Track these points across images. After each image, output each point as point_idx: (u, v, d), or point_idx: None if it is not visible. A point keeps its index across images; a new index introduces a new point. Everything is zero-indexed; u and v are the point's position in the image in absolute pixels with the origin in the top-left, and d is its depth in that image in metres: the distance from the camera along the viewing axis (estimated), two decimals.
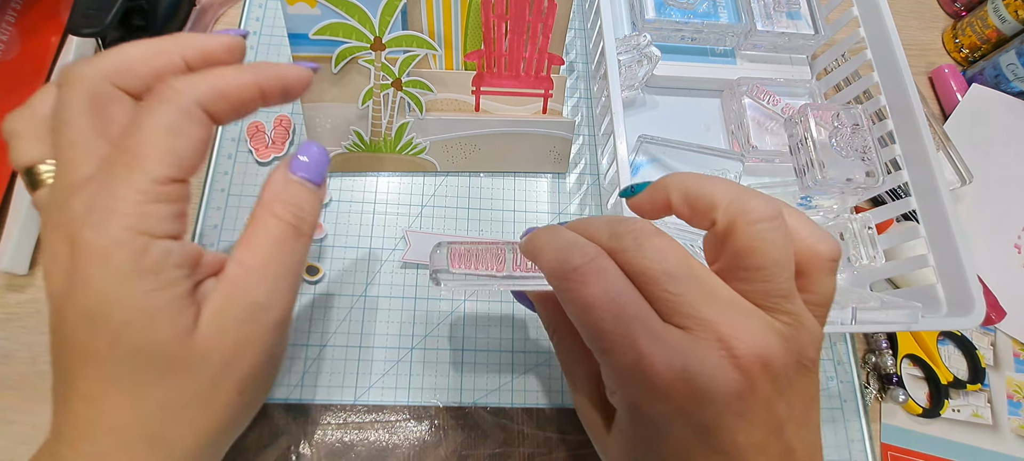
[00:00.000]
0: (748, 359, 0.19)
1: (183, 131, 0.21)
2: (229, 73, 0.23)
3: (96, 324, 0.20)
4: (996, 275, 0.45)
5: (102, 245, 0.20)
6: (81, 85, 0.22)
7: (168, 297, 0.21)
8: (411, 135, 0.42)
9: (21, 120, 0.23)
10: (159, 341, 0.21)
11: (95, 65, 0.22)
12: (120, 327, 0.20)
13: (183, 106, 0.21)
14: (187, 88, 0.22)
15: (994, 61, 0.52)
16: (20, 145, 0.23)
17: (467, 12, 0.38)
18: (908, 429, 0.41)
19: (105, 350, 0.21)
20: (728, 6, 0.47)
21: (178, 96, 0.21)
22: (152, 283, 0.21)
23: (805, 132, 0.39)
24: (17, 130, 0.23)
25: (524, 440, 0.37)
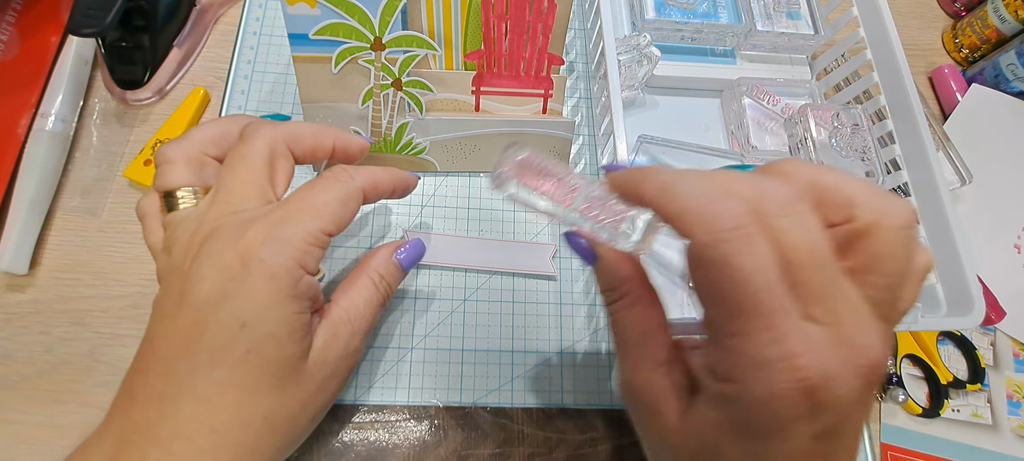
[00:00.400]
0: (869, 369, 0.19)
1: (349, 205, 0.28)
2: (381, 172, 0.30)
3: (246, 330, 0.24)
4: (996, 275, 0.45)
5: (274, 266, 0.24)
6: (266, 141, 0.28)
7: (301, 323, 0.26)
8: (411, 135, 0.42)
9: (178, 150, 0.28)
10: (288, 356, 0.25)
11: (277, 129, 0.28)
12: (265, 337, 0.24)
13: (353, 189, 0.28)
14: (359, 177, 0.29)
15: (994, 61, 0.52)
16: (172, 170, 0.27)
17: (467, 12, 0.38)
18: (908, 429, 0.41)
19: (243, 355, 0.24)
20: (728, 6, 0.47)
21: (352, 181, 0.28)
22: (297, 306, 0.25)
23: (805, 132, 0.39)
24: (172, 158, 0.27)
25: (524, 440, 0.37)
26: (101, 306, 0.38)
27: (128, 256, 0.40)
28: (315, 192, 0.27)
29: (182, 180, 0.27)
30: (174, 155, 0.27)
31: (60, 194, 0.41)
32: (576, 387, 0.39)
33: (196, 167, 0.28)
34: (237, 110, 0.44)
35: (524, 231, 0.43)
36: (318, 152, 0.30)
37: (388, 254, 0.32)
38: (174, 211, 0.27)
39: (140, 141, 0.43)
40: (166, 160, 0.27)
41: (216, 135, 0.29)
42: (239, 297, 0.24)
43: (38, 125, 0.41)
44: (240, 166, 0.27)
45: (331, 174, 0.28)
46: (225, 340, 0.24)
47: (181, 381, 0.24)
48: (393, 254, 0.32)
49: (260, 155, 0.27)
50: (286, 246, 0.25)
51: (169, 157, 0.27)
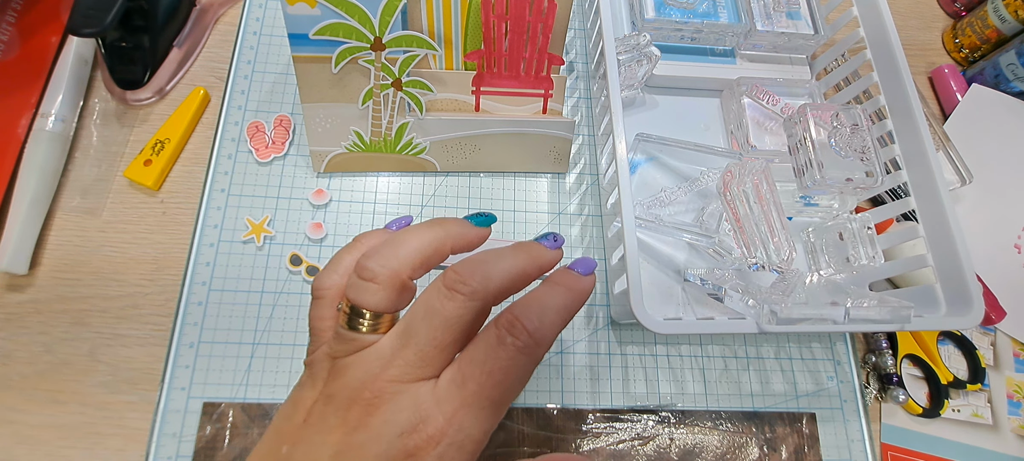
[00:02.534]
0: None
1: (528, 378, 0.23)
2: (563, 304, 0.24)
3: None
4: (996, 275, 0.45)
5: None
6: (474, 306, 0.23)
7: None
8: (411, 135, 0.42)
9: (386, 270, 0.24)
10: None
11: (488, 286, 0.23)
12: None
13: (538, 358, 0.23)
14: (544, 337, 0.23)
15: (994, 61, 0.52)
16: (374, 292, 0.23)
17: (467, 12, 0.38)
18: (908, 429, 0.41)
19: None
20: (728, 6, 0.47)
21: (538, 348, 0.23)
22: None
23: (804, 132, 0.39)
24: (378, 278, 0.24)
25: (524, 440, 0.37)
26: (101, 306, 0.38)
27: (128, 256, 0.40)
28: (496, 377, 0.22)
29: (378, 306, 0.23)
30: (380, 274, 0.24)
31: (60, 194, 0.41)
32: (576, 387, 0.39)
33: (397, 292, 0.24)
34: (237, 110, 0.44)
35: (524, 231, 0.43)
36: None
37: None
38: (354, 330, 0.24)
39: (140, 141, 0.43)
40: (370, 276, 0.24)
41: (428, 254, 0.25)
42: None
43: (38, 125, 0.41)
44: (439, 329, 0.23)
45: (512, 337, 0.23)
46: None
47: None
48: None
49: (463, 323, 0.23)
50: (459, 452, 0.22)
51: (374, 274, 0.24)
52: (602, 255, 0.43)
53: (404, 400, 0.22)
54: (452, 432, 0.21)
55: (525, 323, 0.23)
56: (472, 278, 0.23)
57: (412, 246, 0.24)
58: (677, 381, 0.40)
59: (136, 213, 0.41)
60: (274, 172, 0.43)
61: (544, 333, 0.23)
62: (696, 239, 0.41)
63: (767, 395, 0.41)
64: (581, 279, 0.26)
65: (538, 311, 0.23)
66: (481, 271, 0.23)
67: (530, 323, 0.23)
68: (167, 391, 0.36)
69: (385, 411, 0.22)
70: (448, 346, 0.23)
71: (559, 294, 0.24)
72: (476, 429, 0.22)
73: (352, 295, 0.24)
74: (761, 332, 0.33)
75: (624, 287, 0.33)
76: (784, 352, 0.42)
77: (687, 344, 0.41)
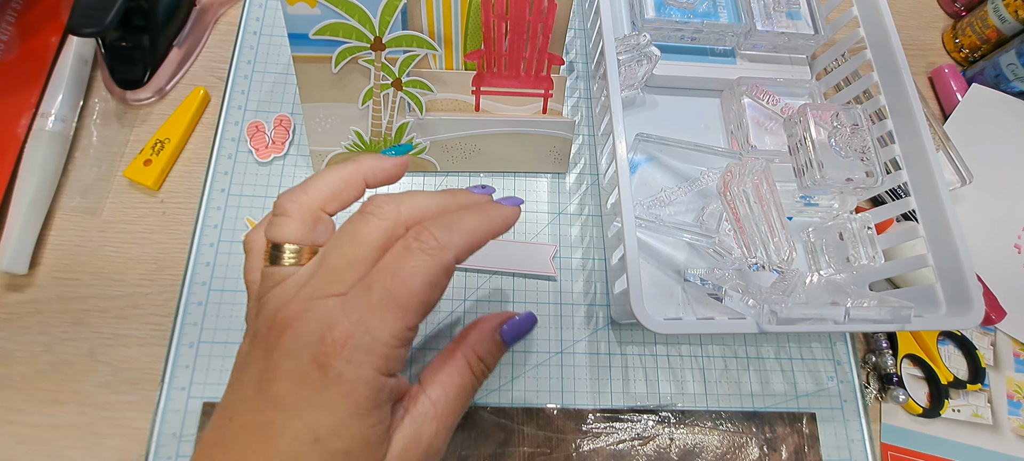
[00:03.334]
0: None
1: (439, 284, 0.23)
2: (476, 226, 0.25)
3: (318, 444, 0.22)
4: (996, 275, 0.45)
5: (352, 381, 0.22)
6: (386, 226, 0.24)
7: (380, 432, 0.23)
8: (411, 135, 0.42)
9: (295, 203, 0.25)
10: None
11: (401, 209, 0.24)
12: (337, 453, 0.22)
13: (445, 262, 0.23)
14: (451, 244, 0.23)
15: (994, 61, 0.52)
16: (284, 225, 0.25)
17: (467, 12, 0.38)
18: (908, 429, 0.41)
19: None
20: (728, 6, 0.47)
21: (443, 252, 0.23)
22: (375, 418, 0.23)
23: (804, 132, 0.39)
24: (288, 210, 0.25)
25: (524, 440, 0.37)
26: (101, 306, 0.38)
27: (128, 256, 0.40)
28: (400, 277, 0.23)
29: (291, 236, 0.25)
30: (290, 208, 0.25)
31: (60, 194, 0.41)
32: (576, 387, 0.39)
33: (310, 224, 0.25)
34: (237, 110, 0.44)
35: (524, 231, 0.43)
36: None
37: (491, 331, 0.28)
38: (276, 265, 0.25)
39: (140, 141, 0.43)
40: (281, 211, 0.25)
41: (339, 187, 0.26)
42: (313, 409, 0.22)
43: (38, 125, 0.41)
44: (350, 246, 0.24)
45: (418, 242, 0.23)
46: (298, 450, 0.22)
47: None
48: (497, 331, 0.28)
49: (374, 241, 0.24)
50: (368, 355, 0.22)
51: (285, 209, 0.25)
52: (602, 255, 0.43)
53: (313, 314, 0.23)
54: (358, 335, 0.22)
55: (434, 230, 0.23)
56: (386, 203, 0.24)
57: (324, 181, 0.26)
58: (677, 381, 0.40)
59: (136, 213, 0.41)
60: (274, 172, 0.43)
61: (452, 242, 0.23)
62: (696, 239, 0.41)
63: (767, 395, 0.41)
64: (499, 206, 0.26)
65: (448, 223, 0.24)
66: (396, 199, 0.25)
67: (439, 231, 0.23)
68: (167, 391, 0.36)
69: (296, 327, 0.23)
70: (358, 262, 0.23)
71: (473, 214, 0.25)
72: (383, 331, 0.22)
73: (269, 233, 0.25)
74: (761, 332, 0.33)
75: (624, 287, 0.33)
76: (784, 352, 0.42)
77: (687, 344, 0.41)
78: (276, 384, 0.23)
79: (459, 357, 0.27)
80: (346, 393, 0.22)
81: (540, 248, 0.42)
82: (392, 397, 0.24)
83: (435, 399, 0.25)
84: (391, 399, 0.24)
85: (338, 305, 0.23)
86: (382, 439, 0.23)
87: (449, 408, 0.26)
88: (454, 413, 0.26)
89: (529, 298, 0.41)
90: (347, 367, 0.22)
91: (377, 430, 0.23)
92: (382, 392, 0.23)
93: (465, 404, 0.27)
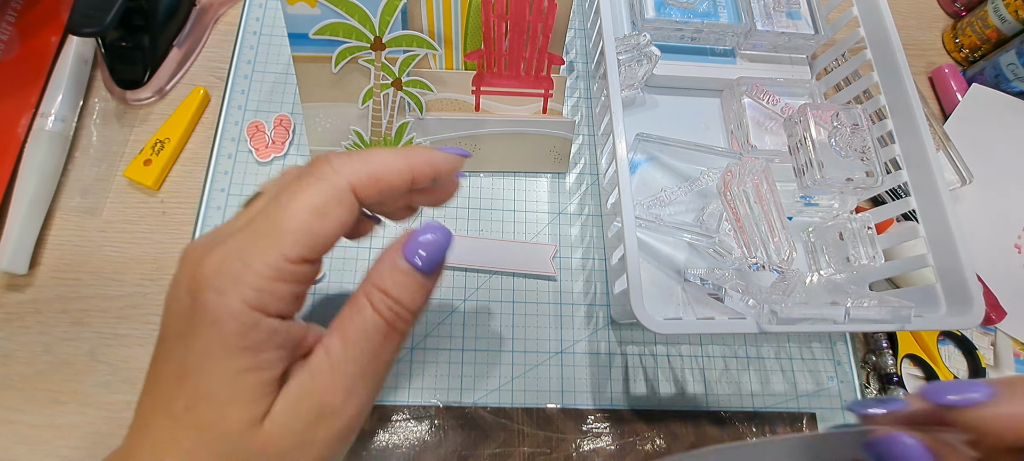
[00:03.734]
0: None
1: (329, 214, 0.20)
2: (384, 156, 0.22)
3: (184, 383, 0.20)
4: (996, 275, 0.45)
5: (217, 310, 0.19)
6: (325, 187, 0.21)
7: (253, 381, 0.20)
8: (411, 135, 0.42)
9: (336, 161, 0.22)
10: (229, 423, 0.20)
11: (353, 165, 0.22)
12: (201, 396, 0.20)
13: (337, 186, 0.21)
14: (346, 169, 0.21)
15: (994, 61, 0.52)
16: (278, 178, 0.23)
17: (467, 12, 0.38)
18: None
19: (182, 412, 0.20)
20: (728, 6, 0.47)
21: (335, 175, 0.21)
22: (246, 362, 0.20)
23: (804, 132, 0.39)
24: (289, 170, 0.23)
25: (524, 440, 0.37)
26: (101, 306, 0.38)
27: (128, 256, 0.40)
28: (281, 200, 0.20)
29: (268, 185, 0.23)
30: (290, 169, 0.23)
31: (60, 194, 0.41)
32: (576, 387, 0.39)
33: None
34: (237, 110, 0.44)
35: (524, 231, 0.43)
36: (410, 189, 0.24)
37: (391, 258, 0.22)
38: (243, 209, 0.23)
39: (140, 141, 0.43)
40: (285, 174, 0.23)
41: None
42: (181, 342, 0.20)
43: (38, 125, 0.41)
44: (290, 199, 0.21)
45: (309, 168, 0.21)
46: (169, 389, 0.20)
47: (144, 419, 0.21)
48: (400, 254, 0.22)
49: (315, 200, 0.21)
50: (235, 282, 0.19)
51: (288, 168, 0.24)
52: (602, 255, 0.43)
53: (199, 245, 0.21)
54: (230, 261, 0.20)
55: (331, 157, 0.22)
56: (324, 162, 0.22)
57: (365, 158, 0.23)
58: (677, 381, 0.40)
59: (136, 213, 0.41)
60: (274, 172, 0.43)
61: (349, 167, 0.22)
62: (696, 239, 0.41)
63: (767, 395, 0.41)
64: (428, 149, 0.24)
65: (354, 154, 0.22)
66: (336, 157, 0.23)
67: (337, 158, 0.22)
68: None
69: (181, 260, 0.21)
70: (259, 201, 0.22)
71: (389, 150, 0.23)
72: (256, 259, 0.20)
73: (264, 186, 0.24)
74: (761, 332, 0.33)
75: (624, 287, 0.33)
76: (784, 352, 0.42)
77: (687, 344, 0.41)
78: (164, 314, 0.21)
79: (358, 295, 0.22)
80: (210, 323, 0.19)
81: (540, 248, 0.42)
82: (275, 343, 0.20)
83: (330, 347, 0.21)
84: (273, 346, 0.20)
85: (226, 233, 0.21)
86: (261, 391, 0.20)
87: (348, 356, 0.21)
88: (355, 362, 0.21)
89: (529, 297, 0.41)
90: (214, 296, 0.19)
91: (250, 378, 0.20)
92: (256, 330, 0.20)
93: (372, 351, 0.22)
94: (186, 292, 0.20)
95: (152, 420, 0.20)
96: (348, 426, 0.22)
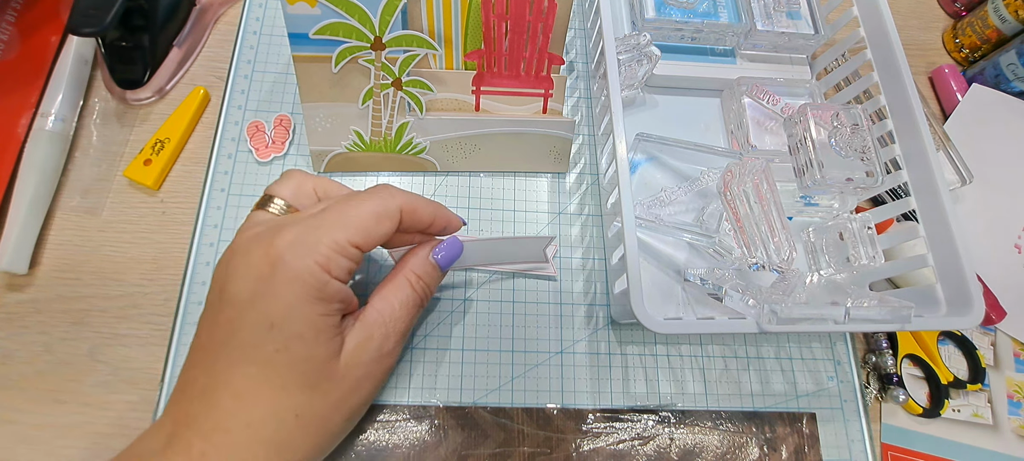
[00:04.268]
0: None
1: (383, 222, 0.28)
2: (422, 200, 0.31)
3: (274, 330, 0.25)
4: (996, 275, 0.45)
5: (297, 269, 0.25)
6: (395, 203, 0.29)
7: (329, 323, 0.27)
8: (411, 135, 0.42)
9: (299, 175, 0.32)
10: (316, 356, 0.26)
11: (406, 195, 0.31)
12: (292, 337, 0.25)
13: (391, 207, 0.29)
14: (399, 196, 0.29)
15: (994, 61, 0.52)
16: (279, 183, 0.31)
17: (467, 12, 0.38)
18: (908, 429, 0.41)
19: (272, 354, 0.25)
20: (728, 6, 0.47)
21: (391, 200, 0.29)
22: (323, 309, 0.26)
23: (804, 132, 0.39)
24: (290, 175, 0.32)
25: (524, 440, 0.37)
26: (101, 306, 0.38)
27: (128, 256, 0.40)
28: (351, 204, 0.28)
29: (280, 192, 0.30)
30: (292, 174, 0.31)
31: (60, 194, 0.41)
32: (576, 387, 0.39)
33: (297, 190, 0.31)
34: (237, 110, 0.44)
35: (524, 231, 0.43)
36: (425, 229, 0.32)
37: (425, 254, 0.32)
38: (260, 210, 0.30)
39: (140, 141, 0.43)
40: (285, 175, 0.31)
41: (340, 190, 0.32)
42: (267, 298, 0.25)
43: (38, 125, 0.41)
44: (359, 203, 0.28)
45: (373, 189, 0.29)
46: (256, 339, 0.25)
47: (220, 376, 0.25)
48: (430, 253, 0.33)
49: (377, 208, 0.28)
50: (310, 250, 0.26)
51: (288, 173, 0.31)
52: (602, 255, 0.43)
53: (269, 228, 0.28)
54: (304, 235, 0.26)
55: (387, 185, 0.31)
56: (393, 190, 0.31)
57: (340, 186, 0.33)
58: (677, 381, 0.40)
59: (136, 213, 0.41)
60: (274, 172, 0.43)
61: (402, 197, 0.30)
62: (696, 239, 0.41)
63: (767, 395, 0.41)
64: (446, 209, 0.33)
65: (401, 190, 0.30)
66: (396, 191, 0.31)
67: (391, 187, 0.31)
68: (167, 391, 0.36)
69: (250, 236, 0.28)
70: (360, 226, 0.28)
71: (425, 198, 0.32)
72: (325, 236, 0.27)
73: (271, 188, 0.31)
74: (761, 332, 0.33)
75: (624, 287, 0.33)
76: (784, 352, 0.42)
77: (687, 344, 0.41)
78: (233, 284, 0.26)
79: (401, 277, 0.31)
80: (292, 278, 0.25)
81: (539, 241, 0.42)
82: (339, 298, 0.27)
83: (381, 309, 0.30)
84: (337, 300, 0.27)
85: (291, 220, 0.28)
86: (333, 332, 0.27)
87: (395, 317, 0.30)
88: (400, 321, 0.30)
89: (529, 297, 0.41)
90: (293, 257, 0.25)
91: (328, 321, 0.26)
92: (327, 286, 0.26)
93: (409, 316, 0.31)
94: (263, 260, 0.25)
95: (231, 371, 0.25)
96: (393, 365, 0.32)
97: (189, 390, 0.26)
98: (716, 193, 0.40)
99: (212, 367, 0.26)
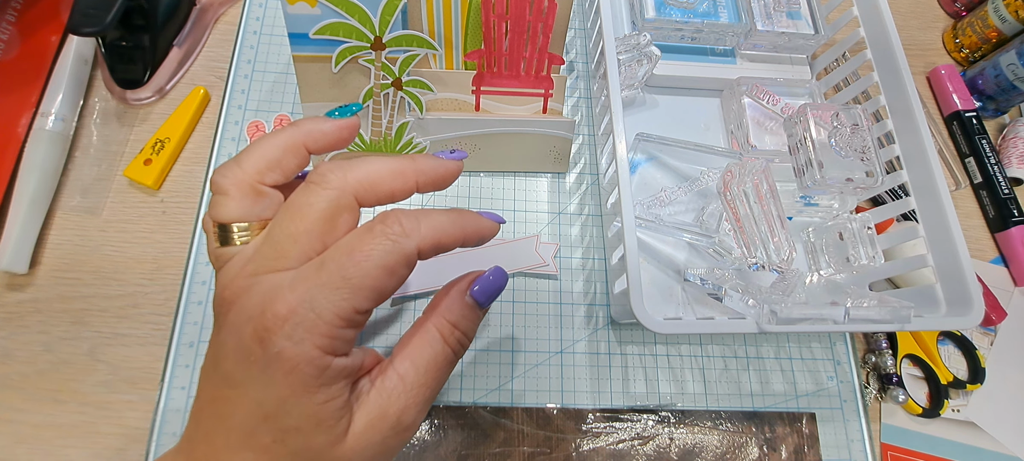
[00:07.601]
0: None
1: (396, 272, 0.22)
2: (446, 224, 0.24)
3: (269, 422, 0.22)
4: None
5: (293, 358, 0.21)
6: (330, 195, 0.23)
7: (331, 409, 0.22)
8: (411, 135, 0.42)
9: (229, 178, 0.24)
10: (316, 445, 0.22)
11: (348, 177, 0.23)
12: (288, 430, 0.22)
13: (407, 250, 0.22)
14: (416, 233, 0.23)
15: (994, 61, 0.52)
16: (226, 204, 0.24)
17: (467, 12, 0.38)
18: (908, 429, 0.41)
19: (269, 444, 0.22)
20: (728, 6, 0.47)
21: (407, 239, 0.22)
22: (324, 395, 0.22)
23: (804, 132, 0.39)
24: (226, 189, 0.24)
25: (524, 440, 0.37)
26: (101, 306, 0.38)
27: (128, 255, 0.40)
28: (356, 257, 0.22)
29: (231, 214, 0.23)
30: (225, 184, 0.23)
31: (60, 193, 0.41)
32: (576, 387, 0.39)
33: (250, 199, 0.24)
34: (237, 110, 0.44)
35: (525, 231, 0.43)
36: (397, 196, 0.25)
37: (460, 295, 0.26)
38: (226, 245, 0.24)
39: (140, 140, 0.43)
40: (217, 189, 0.24)
41: (275, 156, 0.24)
42: (259, 385, 0.22)
43: (38, 124, 0.41)
44: (293, 220, 0.23)
45: (382, 225, 0.22)
46: (252, 426, 0.22)
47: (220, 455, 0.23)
48: (467, 292, 0.26)
49: (318, 210, 0.22)
50: (309, 333, 0.21)
51: (220, 186, 0.24)
52: (602, 255, 0.43)
53: (256, 289, 0.22)
54: (301, 311, 0.21)
55: (402, 218, 0.22)
56: (331, 171, 0.23)
57: (258, 151, 0.24)
58: (677, 381, 0.40)
59: (136, 212, 0.41)
60: None
61: (418, 232, 0.23)
62: (696, 239, 0.41)
63: (767, 395, 0.41)
64: (475, 214, 0.26)
65: (419, 216, 0.23)
66: (343, 166, 0.23)
67: (405, 219, 0.22)
68: (167, 391, 0.36)
69: (239, 304, 0.22)
70: (301, 235, 0.22)
71: (446, 213, 0.24)
72: (328, 310, 0.21)
73: (210, 213, 0.24)
74: (761, 332, 0.33)
75: (624, 287, 0.33)
76: (784, 352, 0.42)
77: (687, 344, 0.41)
78: (225, 362, 0.22)
79: (429, 327, 0.25)
80: (288, 370, 0.21)
81: (541, 248, 0.42)
82: (344, 375, 0.23)
83: (404, 373, 0.24)
84: (344, 376, 0.23)
85: (285, 280, 0.22)
86: (339, 415, 0.23)
87: (420, 381, 0.24)
88: (426, 386, 0.24)
89: (529, 297, 0.41)
90: (287, 343, 0.21)
91: (329, 407, 0.22)
92: (329, 370, 0.22)
93: (439, 376, 0.25)
94: (253, 340, 0.21)
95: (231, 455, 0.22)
96: (413, 433, 0.25)
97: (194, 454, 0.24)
98: (716, 193, 0.40)
99: (212, 442, 0.23)
